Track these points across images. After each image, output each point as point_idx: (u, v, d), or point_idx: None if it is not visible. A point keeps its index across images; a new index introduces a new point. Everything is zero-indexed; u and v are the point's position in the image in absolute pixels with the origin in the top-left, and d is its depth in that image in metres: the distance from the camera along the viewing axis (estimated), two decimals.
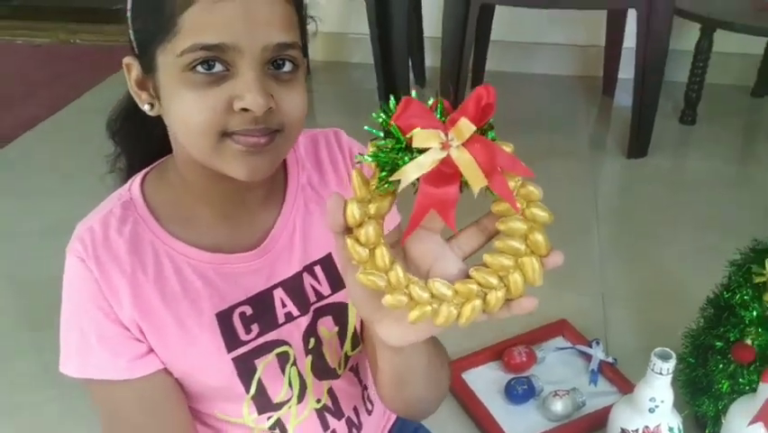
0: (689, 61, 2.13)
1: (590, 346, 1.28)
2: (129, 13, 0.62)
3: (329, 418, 0.77)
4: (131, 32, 0.63)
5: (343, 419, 0.79)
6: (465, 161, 0.42)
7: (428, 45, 2.45)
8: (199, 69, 0.57)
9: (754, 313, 1.01)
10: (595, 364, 1.26)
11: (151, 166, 0.71)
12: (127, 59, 0.64)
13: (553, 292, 1.13)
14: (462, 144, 0.42)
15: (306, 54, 0.65)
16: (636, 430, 0.97)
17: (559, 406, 1.18)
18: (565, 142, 2.13)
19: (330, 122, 2.17)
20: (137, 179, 0.70)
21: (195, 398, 0.73)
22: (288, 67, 0.60)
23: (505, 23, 2.48)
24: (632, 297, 1.45)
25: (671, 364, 0.93)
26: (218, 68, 0.57)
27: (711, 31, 2.04)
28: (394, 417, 0.91)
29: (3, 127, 2.26)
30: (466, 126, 0.42)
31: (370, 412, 0.84)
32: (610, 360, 1.27)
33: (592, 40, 2.33)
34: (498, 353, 1.30)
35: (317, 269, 0.73)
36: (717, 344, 1.07)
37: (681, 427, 0.98)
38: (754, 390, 0.96)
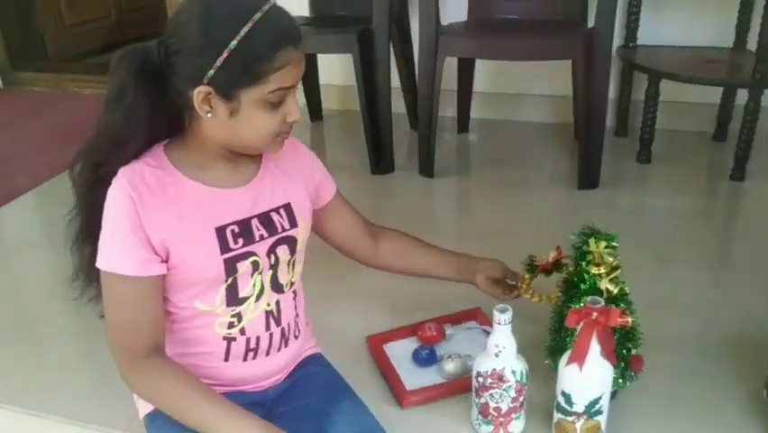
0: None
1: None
2: (217, 63, 0.91)
3: (271, 321, 1.12)
4: (210, 72, 0.92)
5: (280, 327, 1.14)
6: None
7: None
8: (276, 101, 0.96)
9: (587, 284, 1.27)
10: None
11: (169, 140, 1.06)
12: (201, 89, 0.93)
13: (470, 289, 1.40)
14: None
15: None
16: (487, 372, 1.17)
17: (451, 366, 1.38)
18: (528, 176, 2.41)
19: (337, 156, 2.55)
20: (160, 145, 1.04)
21: (185, 291, 1.04)
22: None
23: (488, 77, 2.82)
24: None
25: (507, 315, 1.16)
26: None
27: (657, 80, 2.32)
28: (309, 352, 1.25)
29: (69, 156, 2.72)
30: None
31: (296, 336, 1.18)
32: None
33: (566, 90, 2.62)
34: (415, 329, 1.55)
35: (281, 210, 1.11)
36: (567, 313, 1.32)
37: (525, 372, 1.19)
38: None
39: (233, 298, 1.07)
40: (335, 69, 2.98)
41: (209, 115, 0.97)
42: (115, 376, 1.04)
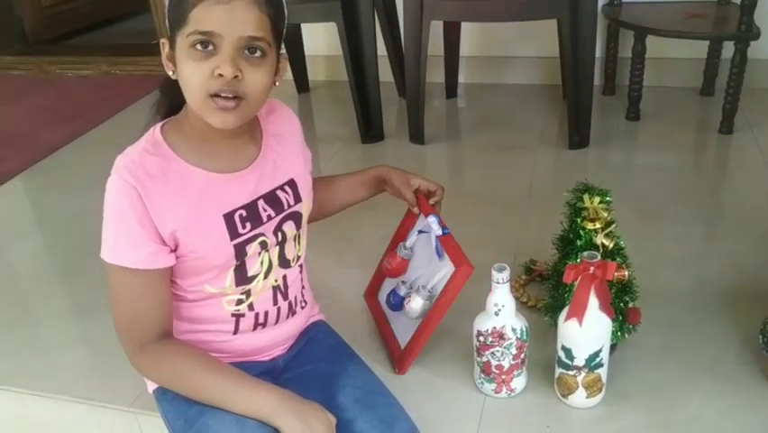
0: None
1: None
2: (166, 9, 0.93)
3: (279, 296, 1.13)
4: (166, 20, 0.94)
5: (287, 301, 1.15)
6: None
7: None
8: (198, 47, 0.89)
9: (583, 240, 1.28)
10: (435, 241, 1.29)
11: (166, 120, 1.05)
12: (162, 40, 0.95)
13: (480, 254, 1.35)
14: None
15: (278, 51, 1.00)
16: (487, 330, 1.19)
17: (414, 307, 1.29)
18: (518, 139, 2.41)
19: (326, 127, 2.54)
20: (157, 127, 1.03)
21: (196, 276, 1.03)
22: (257, 54, 0.92)
23: (475, 40, 2.81)
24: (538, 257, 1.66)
25: (505, 274, 1.16)
26: (209, 48, 0.89)
27: (643, 36, 2.31)
28: (313, 319, 1.26)
29: (57, 138, 2.75)
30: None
31: (303, 307, 1.20)
32: (442, 232, 1.26)
33: (553, 52, 2.61)
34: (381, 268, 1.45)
35: (286, 187, 1.09)
36: (564, 270, 1.33)
37: (525, 328, 1.20)
38: None
39: (242, 278, 1.06)
40: (321, 40, 2.96)
41: (171, 73, 0.95)
42: (117, 354, 1.04)
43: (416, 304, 1.30)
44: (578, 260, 1.22)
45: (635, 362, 1.33)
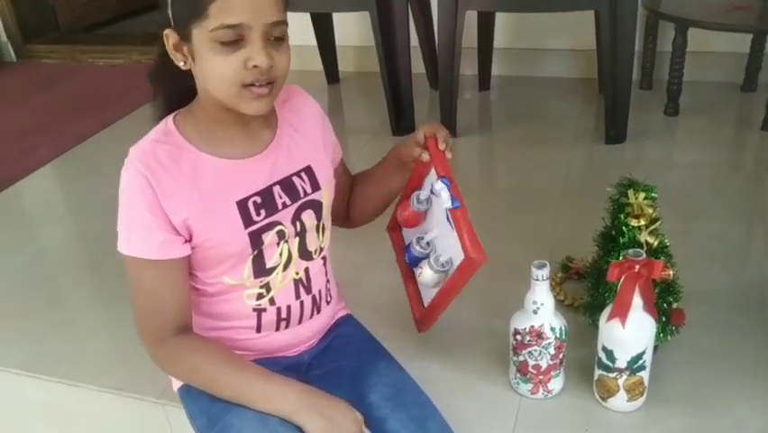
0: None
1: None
2: (168, 1, 0.90)
3: (301, 290, 1.09)
4: (169, 11, 0.90)
5: (311, 295, 1.11)
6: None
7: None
8: (225, 40, 0.87)
9: (626, 237, 1.24)
10: (447, 212, 1.13)
11: (179, 110, 1.02)
12: (167, 31, 0.91)
13: (513, 251, 1.29)
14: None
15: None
16: (525, 329, 1.15)
17: (426, 279, 1.18)
18: (553, 132, 2.36)
19: (356, 118, 2.51)
20: (170, 117, 1.01)
21: (213, 268, 1.01)
22: (280, 36, 0.91)
23: (509, 32, 2.75)
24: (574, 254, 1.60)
25: (545, 271, 1.12)
26: (238, 40, 0.87)
27: (685, 29, 2.24)
28: (340, 314, 1.23)
29: (88, 126, 2.77)
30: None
31: (328, 302, 1.16)
32: (452, 205, 1.10)
33: (590, 44, 2.55)
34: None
35: (303, 174, 1.06)
36: (605, 268, 1.29)
37: (564, 328, 1.16)
38: None
39: (261, 269, 1.03)
40: (352, 30, 2.91)
41: (182, 64, 0.93)
42: None
43: (427, 276, 1.18)
44: (621, 257, 1.18)
45: (678, 365, 1.28)
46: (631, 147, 2.21)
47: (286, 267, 1.06)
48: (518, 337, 1.18)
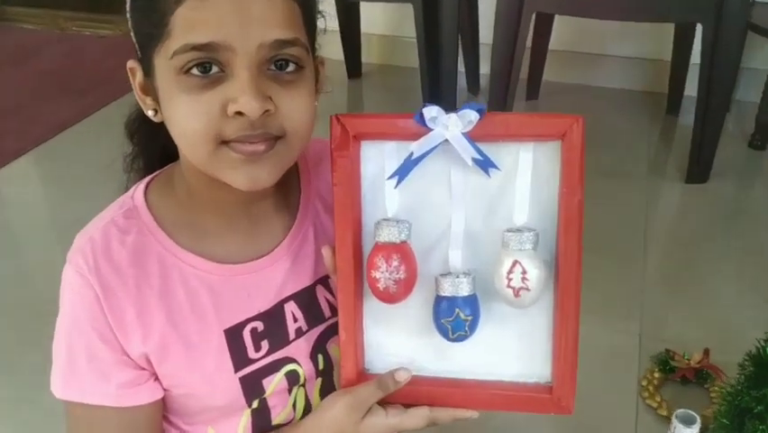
0: (763, 80, 1.97)
1: None
2: (128, 14, 0.59)
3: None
4: (132, 33, 0.59)
5: None
6: None
7: (485, 52, 2.37)
8: (194, 71, 0.54)
9: None
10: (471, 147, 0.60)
11: (155, 173, 0.68)
12: (131, 63, 0.61)
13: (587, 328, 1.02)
14: None
15: (313, 53, 0.61)
16: None
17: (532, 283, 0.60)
18: (621, 162, 2.01)
19: None
20: (140, 185, 0.66)
21: (191, 416, 0.70)
22: (290, 67, 0.56)
23: (566, 32, 2.38)
24: (672, 339, 1.33)
25: (694, 430, 0.83)
26: (214, 70, 0.54)
27: None
28: None
29: (67, 113, 2.42)
30: None
31: None
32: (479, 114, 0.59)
33: (659, 54, 2.19)
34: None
35: (332, 282, 0.68)
36: (757, 407, 0.95)
37: None
38: None
39: (264, 425, 0.71)
40: (378, 17, 2.59)
41: (152, 113, 0.61)
42: None
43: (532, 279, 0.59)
44: None
45: None
46: (715, 186, 1.87)
47: (303, 416, 0.71)
48: None
